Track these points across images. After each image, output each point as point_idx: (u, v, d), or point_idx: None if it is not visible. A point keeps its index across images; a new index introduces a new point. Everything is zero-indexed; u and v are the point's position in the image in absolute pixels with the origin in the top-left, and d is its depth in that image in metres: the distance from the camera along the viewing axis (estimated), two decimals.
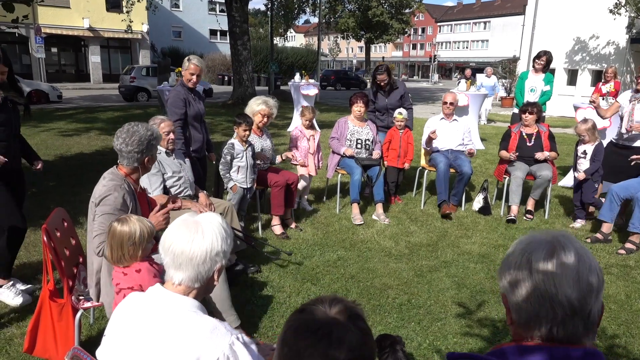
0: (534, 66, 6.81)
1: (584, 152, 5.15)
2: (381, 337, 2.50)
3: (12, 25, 8.60)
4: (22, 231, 3.34)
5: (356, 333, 0.99)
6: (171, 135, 3.66)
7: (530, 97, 6.69)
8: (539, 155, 5.27)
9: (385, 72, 5.76)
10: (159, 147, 3.56)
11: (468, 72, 14.45)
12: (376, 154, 5.44)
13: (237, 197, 4.38)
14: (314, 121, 5.39)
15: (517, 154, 5.34)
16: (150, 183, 3.48)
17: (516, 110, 6.98)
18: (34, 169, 3.62)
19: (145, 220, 2.20)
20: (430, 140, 5.61)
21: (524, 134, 5.45)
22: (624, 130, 5.12)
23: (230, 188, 4.39)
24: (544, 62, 6.65)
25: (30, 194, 5.72)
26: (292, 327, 1.01)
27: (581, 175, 5.07)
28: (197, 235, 1.41)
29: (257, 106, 4.70)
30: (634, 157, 4.77)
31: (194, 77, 4.37)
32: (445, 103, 5.76)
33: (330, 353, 0.95)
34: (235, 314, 2.95)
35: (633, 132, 5.00)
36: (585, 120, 5.20)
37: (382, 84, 5.77)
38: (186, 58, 4.41)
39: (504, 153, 5.51)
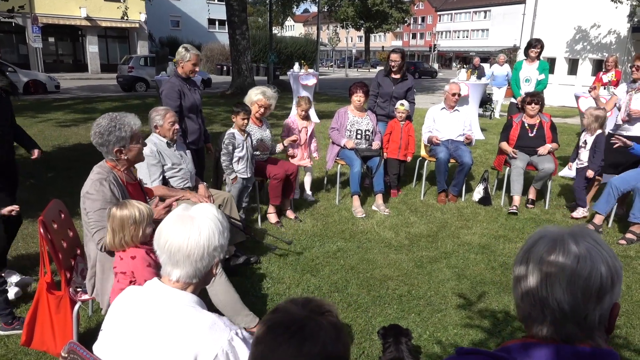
0: (529, 55, 6.65)
1: (585, 142, 5.11)
2: (389, 327, 2.49)
3: (7, 15, 8.53)
4: (17, 222, 3.31)
5: (329, 328, 0.99)
6: (176, 126, 3.62)
7: (525, 87, 6.60)
8: (541, 151, 5.24)
9: (400, 53, 5.72)
10: (161, 137, 3.54)
11: (477, 60, 14.18)
12: (376, 145, 5.40)
13: (237, 187, 4.35)
14: (313, 112, 5.34)
15: (515, 152, 5.31)
16: (149, 173, 3.45)
17: (514, 100, 6.92)
18: (32, 157, 3.59)
19: (142, 203, 2.20)
20: (431, 141, 5.59)
21: (525, 125, 5.40)
22: (619, 122, 5.08)
23: (231, 180, 4.36)
24: (539, 50, 6.56)
25: (28, 186, 5.69)
26: (265, 326, 1.01)
27: (590, 173, 4.97)
28: (193, 232, 1.37)
29: (255, 96, 4.66)
30: (614, 139, 4.64)
31: (197, 68, 4.32)
32: (449, 94, 5.70)
33: (303, 349, 0.95)
34: (250, 313, 2.90)
35: (634, 117, 4.95)
36: (601, 109, 5.13)
37: (394, 65, 5.69)
38: (182, 48, 4.27)
39: (504, 145, 5.47)
